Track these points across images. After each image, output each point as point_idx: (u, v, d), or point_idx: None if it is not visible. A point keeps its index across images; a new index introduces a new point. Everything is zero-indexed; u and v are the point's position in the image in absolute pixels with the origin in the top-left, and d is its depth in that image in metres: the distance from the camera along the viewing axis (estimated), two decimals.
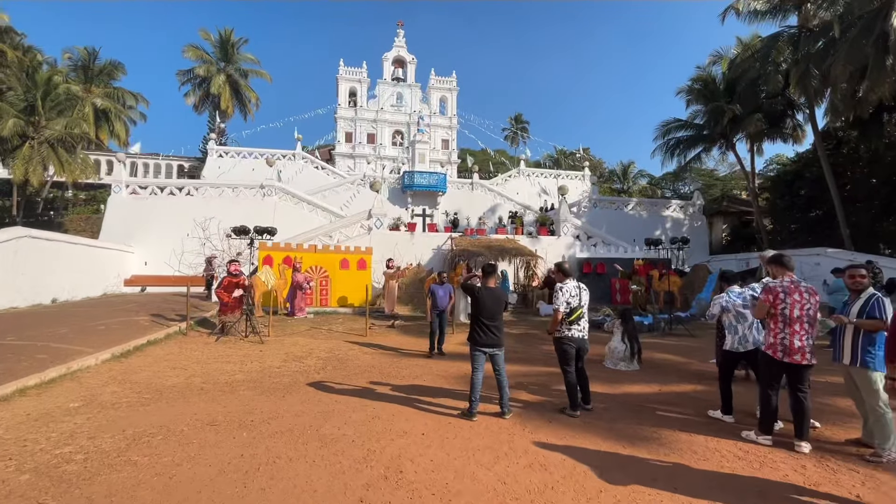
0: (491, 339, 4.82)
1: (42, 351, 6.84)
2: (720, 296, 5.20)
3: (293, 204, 20.85)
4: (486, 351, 4.84)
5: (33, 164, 23.46)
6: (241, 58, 35.61)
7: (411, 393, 5.77)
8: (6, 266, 12.19)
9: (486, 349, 4.83)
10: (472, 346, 4.89)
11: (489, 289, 5.00)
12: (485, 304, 4.85)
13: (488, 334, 4.82)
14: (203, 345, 8.53)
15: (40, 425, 4.25)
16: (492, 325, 4.83)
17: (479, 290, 4.94)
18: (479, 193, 30.03)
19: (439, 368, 7.25)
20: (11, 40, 29.86)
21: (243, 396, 5.42)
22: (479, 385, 4.82)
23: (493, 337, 4.83)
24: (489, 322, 4.83)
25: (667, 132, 25.56)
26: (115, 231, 18.43)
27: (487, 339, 4.81)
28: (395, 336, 10.34)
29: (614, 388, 6.16)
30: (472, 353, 4.88)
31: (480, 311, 4.84)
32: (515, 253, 15.02)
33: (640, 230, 24.83)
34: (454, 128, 41.48)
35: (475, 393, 4.79)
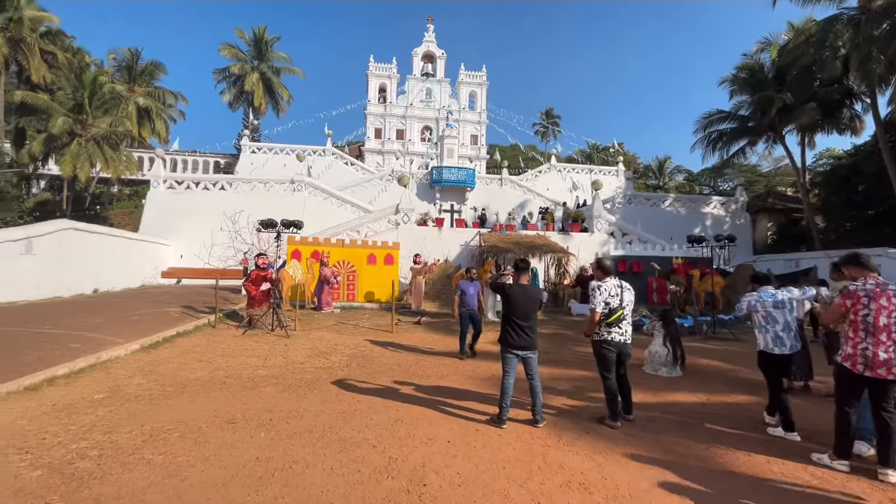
0: (524, 341, 4.46)
1: (76, 340, 6.96)
2: (749, 294, 4.93)
3: (322, 199, 20.97)
4: (518, 354, 4.48)
5: (81, 161, 24.61)
6: (273, 55, 36.26)
7: (437, 395, 5.48)
8: (51, 257, 12.70)
9: (519, 351, 4.47)
10: (504, 349, 4.54)
11: (522, 286, 4.63)
12: (517, 303, 4.49)
13: (521, 335, 4.46)
14: (230, 337, 8.53)
15: (63, 417, 4.21)
16: (525, 326, 4.46)
17: (510, 288, 4.59)
18: (508, 189, 29.49)
19: (466, 369, 6.93)
20: (62, 43, 31.42)
21: (265, 393, 5.27)
22: (510, 390, 4.48)
23: (526, 338, 4.46)
24: (522, 322, 4.46)
25: (708, 124, 24.24)
26: (152, 225, 19.04)
27: (520, 340, 4.46)
28: (422, 333, 10.09)
29: (656, 396, 5.67)
30: (503, 355, 4.54)
31: (512, 311, 4.49)
32: (546, 250, 14.49)
33: (677, 227, 23.71)
34: (483, 123, 40.96)
35: (506, 398, 4.45)
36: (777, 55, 22.02)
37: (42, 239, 12.48)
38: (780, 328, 4.50)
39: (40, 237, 12.42)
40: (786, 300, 4.59)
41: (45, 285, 12.35)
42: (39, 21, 28.27)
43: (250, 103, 35.28)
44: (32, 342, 6.62)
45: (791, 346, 4.48)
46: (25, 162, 27.12)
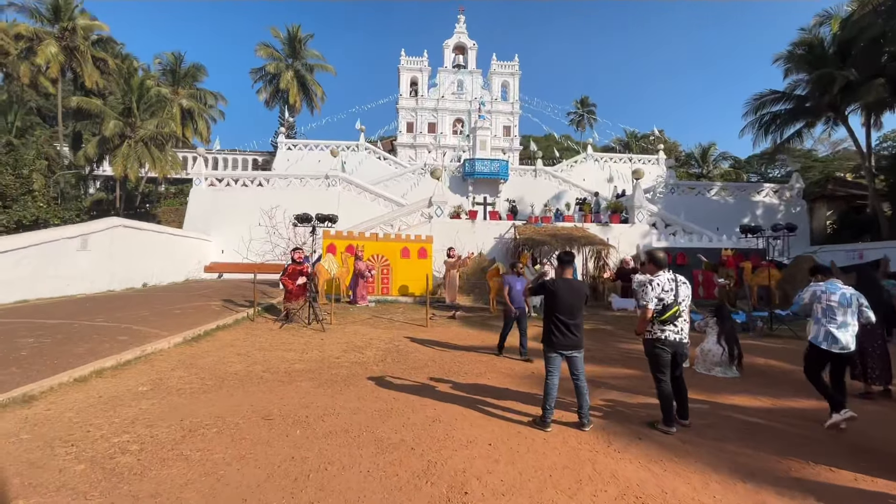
0: (569, 340, 4.16)
1: (124, 332, 7.20)
2: (815, 283, 4.69)
3: (356, 193, 21.12)
4: (563, 353, 4.19)
5: (130, 161, 25.87)
6: (307, 53, 36.84)
7: (475, 393, 5.26)
8: (104, 252, 13.36)
9: (564, 351, 4.17)
10: (547, 348, 4.26)
11: (566, 281, 4.32)
12: (562, 299, 4.18)
13: (566, 334, 4.15)
14: (268, 331, 8.64)
15: (108, 409, 4.29)
16: (571, 324, 4.16)
17: (554, 283, 4.28)
18: (542, 180, 28.79)
19: (504, 366, 6.68)
20: (112, 49, 33.11)
21: (301, 388, 5.22)
22: (554, 391, 4.20)
23: (571, 337, 4.16)
24: (568, 320, 4.16)
25: (760, 106, 22.63)
26: (195, 221, 19.76)
27: (565, 339, 4.15)
28: (457, 328, 9.90)
29: (713, 399, 5.23)
30: (547, 354, 4.25)
31: (557, 307, 4.19)
32: (585, 242, 13.93)
33: (724, 217, 22.41)
34: (516, 114, 40.16)
35: (550, 400, 4.17)
36: (839, 28, 20.20)
37: (95, 236, 13.14)
38: (837, 326, 4.34)
39: (94, 234, 13.08)
40: (852, 298, 4.38)
41: (98, 279, 13.02)
42: (91, 29, 29.85)
43: (285, 101, 36.05)
44: (85, 334, 6.90)
45: (843, 346, 4.32)
46: (82, 164, 28.82)
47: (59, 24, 27.78)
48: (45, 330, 7.06)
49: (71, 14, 28.41)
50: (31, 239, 11.34)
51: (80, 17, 29.09)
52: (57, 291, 11.59)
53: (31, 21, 28.38)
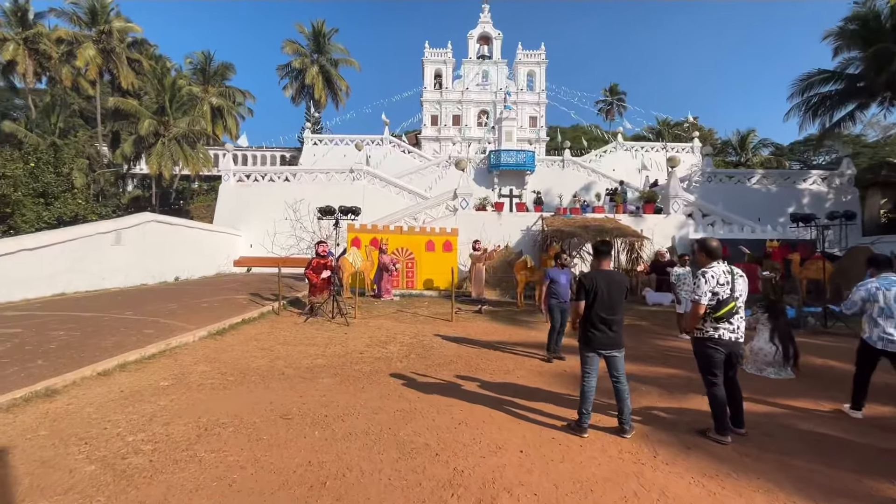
0: (609, 339, 3.77)
1: (151, 326, 7.24)
2: (868, 280, 4.24)
3: (380, 187, 21.01)
4: (602, 353, 3.81)
5: (164, 159, 26.66)
6: (331, 48, 36.96)
7: (503, 392, 4.95)
8: (137, 247, 13.70)
9: (603, 351, 3.80)
10: (584, 347, 3.89)
11: (604, 273, 3.92)
12: (600, 294, 3.78)
13: (605, 332, 3.77)
14: (292, 325, 8.56)
15: (127, 404, 4.20)
16: (610, 321, 3.77)
17: (591, 276, 3.89)
18: (570, 171, 27.99)
19: (534, 363, 6.32)
20: (146, 51, 34.11)
21: (322, 385, 5.04)
22: (591, 394, 3.83)
23: (611, 335, 3.77)
24: (607, 316, 3.77)
25: (807, 87, 21.12)
26: (225, 216, 20.11)
27: (604, 338, 3.77)
28: (483, 322, 9.58)
29: (769, 404, 4.73)
30: (584, 354, 3.88)
31: (594, 303, 3.80)
32: (617, 233, 13.30)
33: (766, 207, 21.16)
34: (542, 104, 39.18)
35: (587, 403, 3.81)
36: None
37: (129, 231, 13.48)
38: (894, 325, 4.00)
39: (127, 229, 13.42)
40: None
41: (132, 274, 13.36)
42: (126, 32, 30.77)
43: (311, 96, 36.33)
44: (113, 327, 6.96)
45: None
46: (120, 162, 29.93)
47: (95, 28, 28.75)
48: (77, 323, 7.17)
49: (107, 17, 29.36)
50: (67, 234, 11.70)
51: (115, 19, 30.03)
52: (93, 285, 11.94)
53: (70, 25, 29.54)
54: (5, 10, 30.70)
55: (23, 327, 6.71)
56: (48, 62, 31.41)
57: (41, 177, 17.00)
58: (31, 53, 31.38)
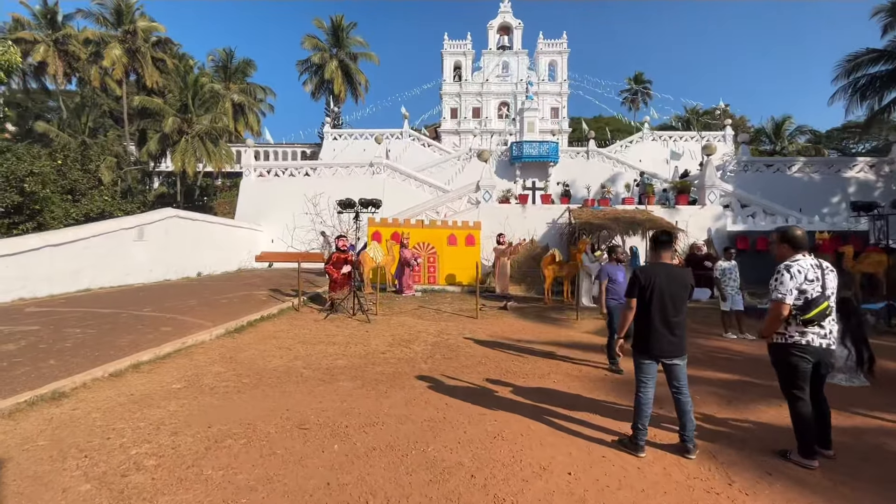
0: (670, 344, 3.26)
1: (169, 323, 7.03)
2: None
3: (400, 180, 20.65)
4: (663, 361, 3.29)
5: (188, 156, 26.92)
6: (350, 42, 36.71)
7: (540, 400, 4.48)
8: (159, 243, 13.69)
9: (664, 358, 3.28)
10: (640, 354, 3.38)
11: (664, 267, 3.39)
12: (660, 291, 3.27)
13: (665, 337, 3.25)
14: (312, 322, 8.27)
15: (135, 410, 3.91)
16: (672, 323, 3.25)
17: (648, 271, 3.38)
18: (595, 162, 27.09)
19: (570, 367, 5.82)
20: (170, 50, 34.55)
21: (342, 389, 4.67)
22: (648, 406, 3.32)
23: (672, 340, 3.25)
24: (670, 317, 3.25)
25: (854, 68, 19.70)
26: (246, 211, 20.12)
27: (665, 343, 3.25)
28: (510, 320, 9.09)
29: (851, 418, 4.11)
30: (639, 362, 3.37)
31: (653, 301, 3.28)
32: (650, 226, 12.55)
33: (808, 197, 19.93)
34: (564, 94, 38.16)
35: (643, 417, 3.30)
36: None
37: (152, 226, 13.47)
38: None
39: (150, 224, 13.41)
40: None
41: (155, 269, 13.36)
42: (150, 31, 31.19)
43: (330, 91, 36.22)
44: (130, 325, 6.77)
45: None
46: (146, 160, 30.44)
47: (121, 28, 29.20)
48: (96, 319, 7.02)
49: (132, 17, 29.79)
50: (91, 230, 11.71)
51: (139, 19, 30.46)
52: (117, 281, 11.94)
53: (96, 26, 30.09)
54: (35, 12, 31.55)
55: (41, 324, 6.58)
56: (77, 63, 32.18)
57: (69, 174, 17.24)
58: (61, 55, 32.21)
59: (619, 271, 5.88)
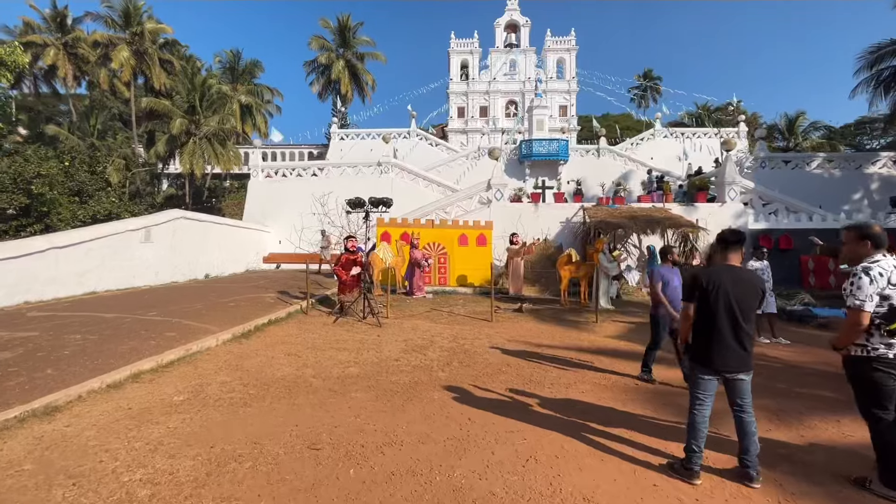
0: (736, 358, 2.87)
1: (173, 328, 6.75)
2: None
3: (409, 180, 20.33)
4: (727, 376, 2.91)
5: (196, 157, 26.83)
6: (357, 41, 36.51)
7: (570, 414, 4.11)
8: (166, 244, 13.48)
9: (728, 372, 2.90)
10: (700, 367, 2.99)
11: (732, 270, 2.98)
12: (727, 298, 2.87)
13: (732, 349, 2.85)
14: (321, 326, 7.95)
15: (132, 427, 3.60)
16: (742, 331, 2.86)
17: (711, 274, 2.99)
18: (606, 160, 26.59)
19: (596, 376, 5.44)
20: (177, 52, 34.59)
21: (355, 401, 4.33)
22: (705, 427, 2.94)
23: (739, 352, 2.87)
24: (738, 327, 2.86)
25: (877, 60, 19.10)
26: (254, 212, 19.92)
27: (730, 357, 2.86)
28: (526, 323, 8.71)
29: None
30: (697, 377, 2.98)
31: (719, 310, 2.88)
32: (669, 224, 12.11)
33: (828, 194, 19.28)
34: (573, 92, 37.67)
35: (698, 438, 2.92)
36: None
37: (158, 228, 13.26)
38: None
39: (157, 226, 13.19)
40: None
41: (162, 271, 13.15)
42: (157, 33, 31.22)
43: (337, 91, 36.04)
44: (133, 330, 6.49)
45: None
46: (154, 162, 30.44)
47: (129, 30, 29.20)
48: (98, 325, 6.75)
49: (139, 19, 29.79)
50: (97, 232, 11.51)
51: (147, 21, 30.45)
52: (124, 283, 11.74)
53: (105, 28, 30.15)
54: (45, 16, 31.70)
55: (41, 330, 6.33)
56: (86, 66, 32.28)
57: (76, 175, 17.14)
58: (70, 58, 32.30)
59: (674, 275, 5.28)
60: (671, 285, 5.18)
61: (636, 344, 7.06)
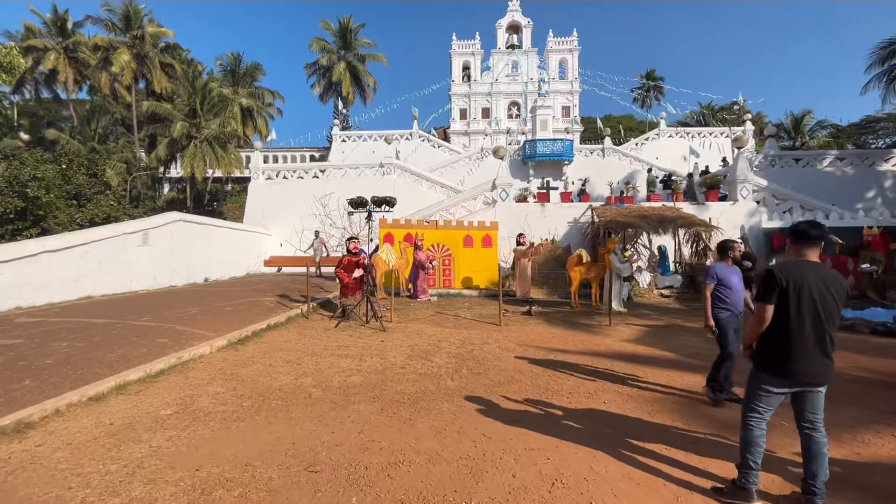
0: (818, 367, 2.50)
1: (166, 334, 6.40)
2: None
3: (412, 181, 20.01)
4: (805, 389, 2.54)
5: (196, 161, 26.63)
6: (358, 43, 36.33)
7: (594, 426, 3.73)
8: (165, 248, 13.17)
9: (802, 385, 2.52)
10: (767, 376, 2.61)
11: (811, 266, 2.59)
12: (811, 298, 2.49)
13: (816, 358, 2.49)
14: (322, 331, 7.60)
15: (111, 446, 3.24)
16: (825, 336, 2.49)
17: (790, 269, 2.57)
18: (611, 160, 26.24)
19: (617, 382, 5.05)
20: (178, 55, 34.46)
21: (358, 414, 3.96)
22: (763, 441, 2.57)
23: (820, 360, 2.49)
24: (825, 330, 2.49)
25: (889, 55, 18.71)
26: (255, 215, 19.62)
27: (815, 366, 2.49)
28: (537, 326, 8.32)
29: None
30: (763, 387, 2.60)
31: (802, 311, 2.49)
32: (681, 223, 11.72)
33: (840, 192, 18.86)
34: (576, 93, 37.40)
35: (756, 455, 2.54)
36: None
37: (156, 231, 12.95)
38: None
39: (154, 229, 12.89)
40: None
41: (160, 275, 12.83)
42: (158, 37, 31.07)
43: (339, 94, 35.84)
44: (123, 337, 6.15)
45: None
46: (154, 165, 30.23)
47: (130, 33, 29.05)
48: (87, 331, 6.41)
49: (140, 22, 29.65)
50: (92, 235, 11.20)
51: (148, 25, 30.31)
52: (121, 287, 11.42)
53: (105, 32, 30.02)
54: (46, 20, 31.61)
55: (26, 337, 5.99)
56: (87, 70, 32.17)
57: (74, 178, 16.88)
58: (71, 62, 32.19)
59: (733, 274, 4.55)
60: (731, 286, 4.42)
61: (654, 348, 6.70)
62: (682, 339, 7.35)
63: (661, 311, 10.17)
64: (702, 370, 5.51)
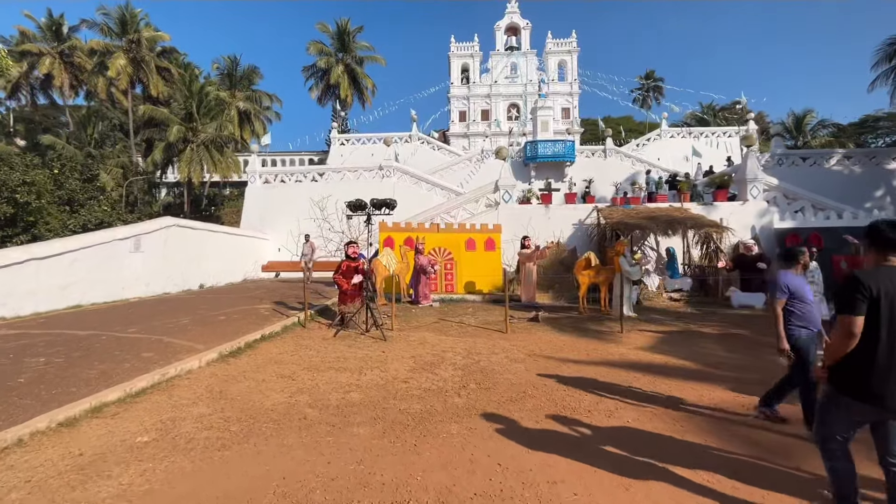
0: None
1: (153, 347, 6.00)
2: None
3: (412, 183, 19.66)
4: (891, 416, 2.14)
5: (193, 165, 26.29)
6: (357, 46, 36.07)
7: (621, 450, 3.33)
8: (158, 254, 12.78)
9: (894, 413, 2.14)
10: (859, 403, 2.22)
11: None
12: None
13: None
14: (320, 341, 7.20)
15: (76, 483, 2.85)
16: None
17: (879, 279, 2.19)
18: (613, 161, 25.92)
19: (640, 396, 4.66)
20: (175, 59, 34.16)
21: (358, 439, 3.56)
22: (854, 482, 2.18)
23: None
24: None
25: None
26: (252, 220, 19.24)
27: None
28: (545, 334, 7.92)
29: None
30: (838, 414, 2.23)
31: (888, 325, 2.12)
32: (691, 224, 11.35)
33: (847, 191, 18.51)
34: (575, 94, 37.14)
35: (846, 487, 2.14)
36: None
37: (149, 237, 12.56)
38: None
39: (147, 234, 12.49)
40: None
41: (153, 282, 12.43)
42: (155, 41, 30.77)
43: (337, 96, 35.55)
44: (107, 350, 5.75)
45: None
46: (151, 170, 29.88)
47: (126, 37, 28.75)
48: (68, 344, 6.01)
49: (136, 26, 29.35)
50: (82, 241, 10.81)
51: (144, 29, 30.01)
52: (112, 295, 11.03)
53: (101, 36, 29.72)
54: (41, 24, 31.33)
55: (1, 352, 5.59)
56: (83, 75, 31.88)
57: (66, 184, 16.51)
58: (67, 67, 31.92)
59: (805, 285, 3.91)
60: (805, 299, 3.80)
61: (672, 357, 6.30)
62: (700, 346, 6.95)
63: (674, 316, 9.77)
64: (727, 382, 5.14)
